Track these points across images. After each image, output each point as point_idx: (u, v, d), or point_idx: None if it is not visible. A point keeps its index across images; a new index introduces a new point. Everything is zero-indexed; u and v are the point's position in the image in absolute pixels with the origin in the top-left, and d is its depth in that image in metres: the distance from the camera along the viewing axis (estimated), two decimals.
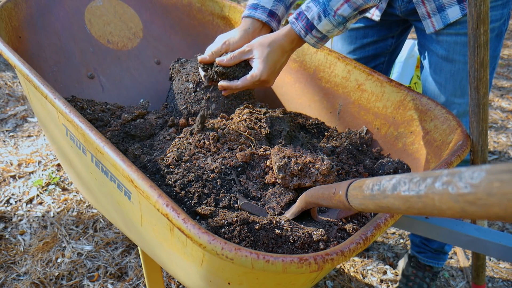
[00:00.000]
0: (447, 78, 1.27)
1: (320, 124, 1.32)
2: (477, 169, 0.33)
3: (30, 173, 2.02)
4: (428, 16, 1.22)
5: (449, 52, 1.25)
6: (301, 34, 1.04)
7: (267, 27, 1.16)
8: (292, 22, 1.05)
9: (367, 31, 1.42)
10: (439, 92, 1.30)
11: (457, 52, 1.23)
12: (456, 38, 1.22)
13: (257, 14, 1.15)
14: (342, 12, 0.99)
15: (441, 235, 1.05)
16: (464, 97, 1.27)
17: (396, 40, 1.46)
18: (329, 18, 1.00)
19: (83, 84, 1.42)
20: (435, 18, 1.21)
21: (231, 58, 1.06)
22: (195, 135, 1.07)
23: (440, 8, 1.19)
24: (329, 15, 1.00)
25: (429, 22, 1.23)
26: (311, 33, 1.03)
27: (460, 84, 1.26)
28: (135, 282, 1.57)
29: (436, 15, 1.21)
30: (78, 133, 0.90)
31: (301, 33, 1.04)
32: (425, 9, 1.22)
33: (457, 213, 0.36)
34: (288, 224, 0.83)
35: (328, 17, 1.00)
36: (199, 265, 0.76)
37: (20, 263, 1.60)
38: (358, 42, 1.45)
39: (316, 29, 1.02)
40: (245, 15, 1.17)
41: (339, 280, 1.68)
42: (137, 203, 0.83)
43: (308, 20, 1.02)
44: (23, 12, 1.32)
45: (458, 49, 1.23)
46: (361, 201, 0.55)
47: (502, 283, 1.76)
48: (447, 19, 1.20)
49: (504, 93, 3.37)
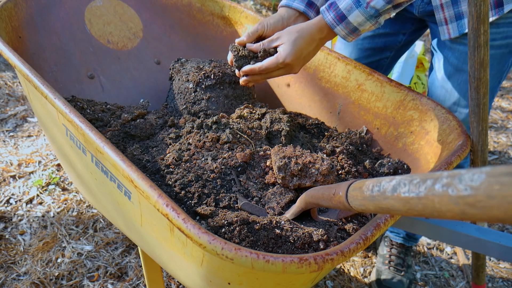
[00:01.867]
0: (454, 86, 1.27)
1: (320, 124, 1.32)
2: (477, 171, 0.33)
3: (30, 173, 2.02)
4: (445, 22, 1.20)
5: (459, 61, 1.24)
6: (331, 25, 1.02)
7: (304, 16, 1.14)
8: (323, 11, 1.03)
9: None
10: (444, 98, 1.30)
11: (467, 63, 1.21)
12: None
13: (295, 3, 1.13)
14: (375, 4, 0.97)
15: (441, 235, 1.05)
16: (467, 108, 1.26)
17: (408, 38, 1.44)
18: (361, 10, 0.98)
19: (83, 84, 1.42)
20: (451, 26, 1.19)
21: (260, 46, 1.05)
22: (195, 135, 1.07)
23: (459, 16, 1.17)
24: (361, 6, 0.98)
25: (445, 28, 1.21)
26: (341, 24, 1.01)
27: (466, 94, 1.25)
28: (135, 282, 1.57)
29: (453, 23, 1.18)
30: (78, 133, 0.90)
31: (331, 23, 1.02)
32: (443, 15, 1.19)
33: (457, 215, 0.36)
34: (288, 224, 0.83)
35: (360, 8, 0.98)
36: (199, 265, 0.76)
37: (20, 263, 1.60)
38: (370, 31, 1.43)
39: (347, 20, 1.00)
40: (283, 4, 1.14)
41: (339, 280, 1.68)
42: (137, 203, 0.83)
43: (339, 10, 1.00)
44: (23, 12, 1.31)
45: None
46: (361, 202, 0.55)
47: (502, 283, 1.76)
48: (464, 28, 1.17)
49: (504, 93, 3.37)
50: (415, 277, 1.76)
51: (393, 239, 1.75)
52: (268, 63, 1.05)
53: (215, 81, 1.28)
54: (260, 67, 1.06)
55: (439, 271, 1.80)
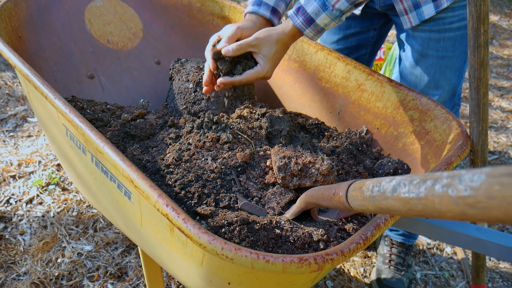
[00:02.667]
0: (423, 70, 1.36)
1: (320, 124, 1.32)
2: (477, 171, 0.33)
3: (30, 173, 2.02)
4: (405, 12, 1.29)
5: (423, 47, 1.33)
6: (301, 28, 1.08)
7: (269, 23, 1.20)
8: (292, 16, 1.09)
9: (350, 22, 1.49)
10: (415, 84, 1.39)
11: (431, 47, 1.32)
12: (430, 35, 1.30)
13: (261, 10, 1.19)
14: (340, 6, 1.04)
15: (441, 235, 1.05)
16: (438, 89, 1.36)
17: (378, 32, 1.53)
18: (327, 12, 1.05)
19: (83, 84, 1.42)
20: (411, 15, 1.28)
21: (237, 48, 1.09)
22: (195, 135, 1.07)
23: (416, 5, 1.26)
24: (327, 9, 1.04)
25: (406, 18, 1.30)
26: (310, 27, 1.08)
27: (434, 77, 1.35)
28: (135, 282, 1.57)
29: (413, 12, 1.28)
30: (78, 133, 0.90)
31: (301, 27, 1.08)
32: (402, 6, 1.28)
33: (457, 216, 0.36)
34: (288, 224, 0.83)
35: (326, 11, 1.05)
36: (199, 265, 0.76)
37: (20, 263, 1.60)
38: (342, 33, 1.52)
39: (315, 23, 1.07)
40: (249, 10, 1.21)
41: (339, 280, 1.68)
42: (137, 203, 0.83)
43: (307, 15, 1.06)
44: (23, 12, 1.31)
45: (431, 45, 1.31)
46: (361, 202, 0.55)
47: (502, 283, 1.76)
48: (423, 15, 1.27)
49: (504, 93, 3.37)
50: (415, 277, 1.76)
51: (393, 238, 1.76)
52: (248, 76, 1.11)
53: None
54: (241, 80, 1.12)
55: (439, 271, 1.80)
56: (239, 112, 1.19)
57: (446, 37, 1.30)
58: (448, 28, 1.28)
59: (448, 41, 1.30)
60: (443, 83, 1.35)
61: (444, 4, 1.24)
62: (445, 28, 1.28)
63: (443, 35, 1.29)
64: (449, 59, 1.32)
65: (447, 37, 1.30)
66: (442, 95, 1.37)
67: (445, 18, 1.27)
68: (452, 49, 1.31)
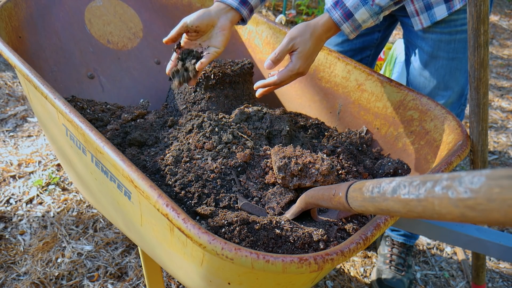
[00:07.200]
0: (432, 72, 1.35)
1: (320, 124, 1.32)
2: (477, 174, 0.33)
3: (30, 173, 2.02)
4: (416, 13, 1.28)
5: (434, 49, 1.32)
6: (338, 22, 1.05)
7: (235, 11, 1.14)
8: (329, 10, 1.05)
9: None
10: (424, 85, 1.38)
11: (442, 49, 1.31)
12: (441, 36, 1.29)
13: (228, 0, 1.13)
14: (380, 1, 1.01)
15: (441, 235, 1.05)
16: (447, 90, 1.35)
17: (383, 34, 1.51)
18: (367, 7, 1.02)
19: (83, 84, 1.42)
20: (423, 16, 1.27)
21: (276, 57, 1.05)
22: (195, 135, 1.07)
23: (428, 7, 1.25)
24: (367, 3, 1.01)
25: (417, 19, 1.29)
26: (348, 21, 1.04)
27: (444, 79, 1.34)
28: (135, 282, 1.57)
29: (424, 13, 1.26)
30: (78, 133, 0.90)
31: (338, 21, 1.05)
32: (413, 7, 1.27)
33: (456, 218, 0.36)
34: (288, 224, 0.83)
35: (366, 6, 1.02)
36: (199, 265, 0.76)
37: (20, 263, 1.60)
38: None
39: (353, 17, 1.03)
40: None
41: (339, 280, 1.68)
42: (137, 203, 0.83)
43: (346, 8, 1.03)
44: (23, 12, 1.31)
45: (442, 46, 1.30)
46: (361, 203, 0.55)
47: (502, 283, 1.76)
48: (435, 17, 1.25)
49: (504, 93, 3.37)
50: (415, 277, 1.76)
51: (394, 238, 1.76)
52: (281, 77, 1.07)
53: (215, 81, 1.28)
54: (275, 81, 1.08)
55: (439, 271, 1.80)
56: (239, 112, 1.19)
57: (457, 39, 1.28)
58: (460, 30, 1.27)
59: (459, 43, 1.29)
60: (453, 85, 1.34)
61: (457, 5, 1.22)
62: (457, 30, 1.27)
63: (454, 37, 1.28)
64: (459, 60, 1.31)
65: (458, 39, 1.28)
66: (451, 96, 1.36)
67: (456, 20, 1.25)
68: (463, 50, 1.30)
